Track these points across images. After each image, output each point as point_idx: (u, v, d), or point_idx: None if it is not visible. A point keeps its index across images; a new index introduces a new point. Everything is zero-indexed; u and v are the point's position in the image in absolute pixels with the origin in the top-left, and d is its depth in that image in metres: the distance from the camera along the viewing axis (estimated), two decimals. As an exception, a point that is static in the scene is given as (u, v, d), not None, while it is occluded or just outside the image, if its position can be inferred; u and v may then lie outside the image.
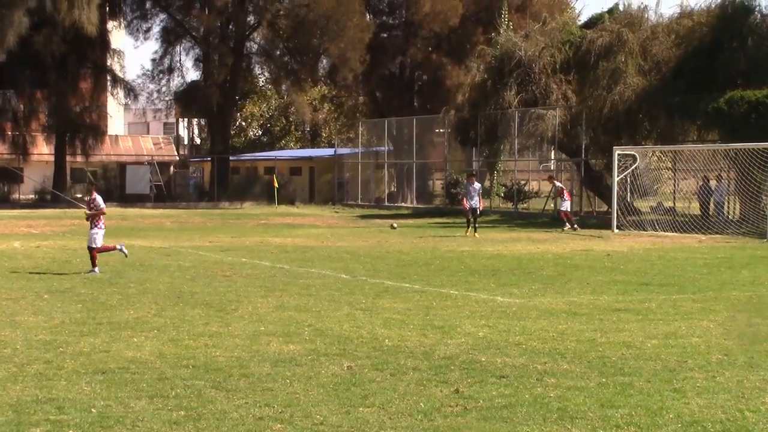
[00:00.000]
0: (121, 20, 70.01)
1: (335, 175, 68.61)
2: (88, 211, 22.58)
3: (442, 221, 41.95)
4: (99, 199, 22.50)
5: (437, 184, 65.45)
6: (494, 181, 56.27)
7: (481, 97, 49.82)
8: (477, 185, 37.06)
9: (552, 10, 62.09)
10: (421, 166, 62.49)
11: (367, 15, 69.00)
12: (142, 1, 68.82)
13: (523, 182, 57.70)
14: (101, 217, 22.47)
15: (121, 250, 23.18)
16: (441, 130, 60.77)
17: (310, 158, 73.75)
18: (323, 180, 70.07)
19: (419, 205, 59.41)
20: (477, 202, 36.13)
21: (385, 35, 70.15)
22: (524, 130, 48.48)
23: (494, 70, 49.23)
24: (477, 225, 35.83)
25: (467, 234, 35.17)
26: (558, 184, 42.90)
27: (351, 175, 67.70)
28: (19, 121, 67.06)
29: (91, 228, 22.34)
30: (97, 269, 21.91)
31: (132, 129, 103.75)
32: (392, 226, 40.21)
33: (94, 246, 22.17)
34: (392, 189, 65.68)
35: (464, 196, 37.57)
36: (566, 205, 40.55)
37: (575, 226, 38.84)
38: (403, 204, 61.66)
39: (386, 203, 62.22)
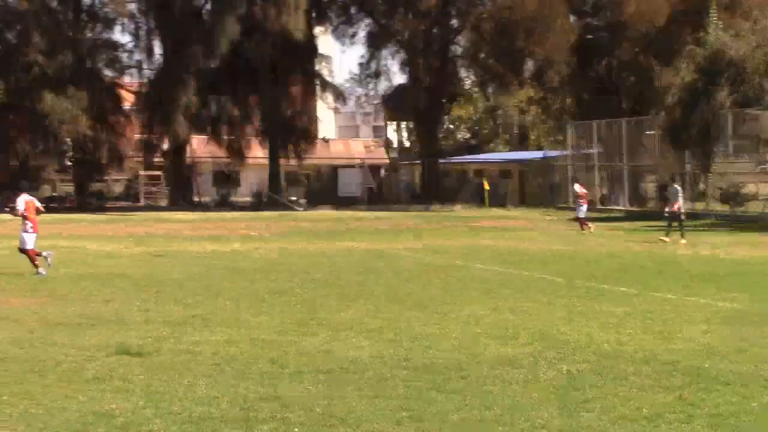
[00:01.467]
0: (328, 25, 71.32)
1: (547, 179, 68.13)
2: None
3: (656, 224, 41.00)
4: (18, 200, 22.45)
5: (650, 187, 64.12)
6: (709, 184, 54.81)
7: (691, 99, 48.60)
8: (676, 188, 35.71)
9: (763, 8, 59.94)
10: (632, 168, 61.37)
11: (571, 16, 68.32)
12: (347, 6, 69.93)
13: (740, 184, 56.02)
14: (27, 220, 22.15)
15: (46, 258, 22.40)
16: (651, 132, 59.58)
17: (519, 161, 73.50)
18: (534, 183, 69.72)
19: (633, 209, 58.40)
20: (675, 206, 34.66)
21: (590, 36, 69.22)
22: (738, 132, 47.10)
23: (704, 71, 47.92)
24: (672, 229, 34.15)
25: (666, 239, 33.71)
26: (577, 188, 42.50)
27: (561, 177, 67.12)
28: (234, 126, 68.88)
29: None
30: (42, 270, 21.88)
31: (342, 132, 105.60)
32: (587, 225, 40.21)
33: (24, 248, 22.19)
34: (603, 192, 64.80)
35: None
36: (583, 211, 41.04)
37: (589, 228, 39.98)
38: (615, 207, 60.75)
39: (598, 206, 61.36)
